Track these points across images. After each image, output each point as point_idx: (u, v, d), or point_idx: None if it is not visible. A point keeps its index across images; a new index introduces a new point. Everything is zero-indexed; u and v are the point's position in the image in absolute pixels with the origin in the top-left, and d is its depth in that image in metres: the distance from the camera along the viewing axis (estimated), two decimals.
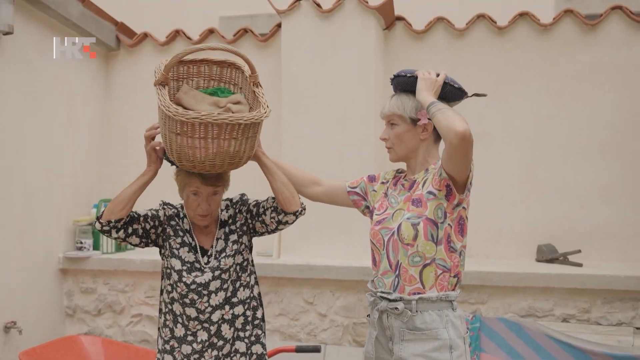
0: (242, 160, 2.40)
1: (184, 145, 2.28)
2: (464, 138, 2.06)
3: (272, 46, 4.63)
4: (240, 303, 2.56)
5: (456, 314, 2.27)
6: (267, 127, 4.44)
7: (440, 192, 2.23)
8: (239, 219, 2.63)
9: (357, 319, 4.10)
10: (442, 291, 2.24)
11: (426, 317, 2.22)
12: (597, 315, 3.82)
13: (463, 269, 2.32)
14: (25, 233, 4.08)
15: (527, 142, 4.32)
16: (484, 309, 3.94)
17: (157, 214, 2.59)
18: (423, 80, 2.28)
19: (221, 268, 2.52)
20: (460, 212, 2.26)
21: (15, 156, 3.97)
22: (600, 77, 4.23)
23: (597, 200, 4.20)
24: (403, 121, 2.36)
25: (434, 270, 2.24)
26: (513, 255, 4.33)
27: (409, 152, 2.38)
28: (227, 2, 6.91)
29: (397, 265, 2.27)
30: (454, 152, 2.12)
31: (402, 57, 4.49)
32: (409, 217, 2.25)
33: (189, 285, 2.49)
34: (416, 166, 2.39)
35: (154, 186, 2.54)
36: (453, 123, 2.07)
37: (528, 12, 4.30)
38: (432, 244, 2.23)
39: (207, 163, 2.32)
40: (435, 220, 2.23)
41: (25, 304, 4.10)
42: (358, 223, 4.16)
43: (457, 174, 2.19)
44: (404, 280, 2.25)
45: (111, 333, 4.50)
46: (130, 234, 2.51)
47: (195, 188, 2.50)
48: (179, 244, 2.56)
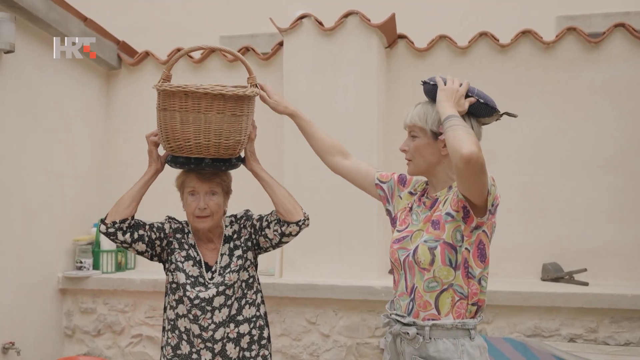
0: (229, 142, 2.39)
1: (169, 122, 2.32)
2: (469, 162, 1.89)
3: (274, 64, 4.62)
4: (245, 321, 2.52)
5: (474, 343, 2.10)
6: (269, 145, 4.46)
7: (457, 213, 2.08)
8: (243, 234, 2.61)
9: (361, 340, 4.05)
10: (459, 318, 2.09)
11: (440, 346, 2.08)
12: (605, 335, 3.76)
13: (485, 296, 2.15)
14: (24, 252, 4.04)
15: (530, 160, 4.30)
16: (490, 328, 3.88)
17: (163, 226, 2.58)
18: (443, 91, 2.12)
19: (225, 283, 2.49)
20: (479, 235, 2.10)
21: (15, 175, 3.94)
22: (604, 95, 4.21)
23: (603, 218, 4.16)
24: (424, 134, 2.19)
25: (451, 296, 2.10)
26: (518, 274, 4.28)
27: (429, 167, 2.21)
28: (228, 21, 6.93)
29: (413, 288, 2.15)
30: (461, 176, 1.98)
31: (404, 75, 4.48)
32: (427, 239, 2.12)
33: (192, 300, 2.46)
34: (437, 183, 2.23)
35: (159, 200, 2.53)
36: (459, 144, 1.92)
37: (530, 30, 4.30)
38: (449, 269, 2.08)
39: (193, 142, 2.34)
40: (453, 244, 2.08)
41: (24, 324, 4.05)
42: (362, 241, 4.14)
43: (472, 197, 2.03)
44: (418, 306, 2.13)
45: (111, 354, 4.43)
46: (136, 240, 2.49)
47: (192, 187, 2.51)
48: (184, 257, 2.54)
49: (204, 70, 4.77)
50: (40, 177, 4.17)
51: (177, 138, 2.35)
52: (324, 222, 4.13)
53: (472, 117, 2.19)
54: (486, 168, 1.98)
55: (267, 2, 6.50)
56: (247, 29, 6.79)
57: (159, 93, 2.36)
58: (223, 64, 4.74)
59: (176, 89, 2.29)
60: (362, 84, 4.21)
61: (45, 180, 4.23)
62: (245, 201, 3.07)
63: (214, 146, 2.37)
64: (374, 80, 4.20)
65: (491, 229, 2.14)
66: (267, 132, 4.49)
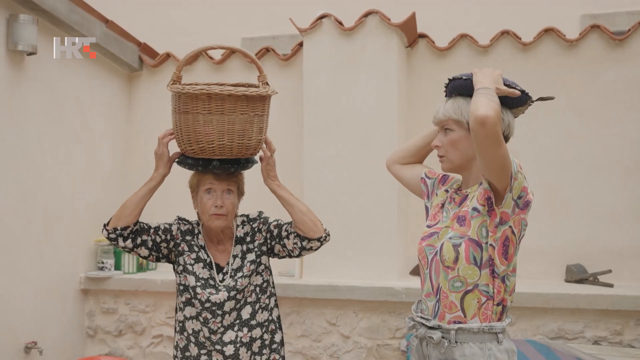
0: (251, 143, 2.38)
1: (192, 124, 2.31)
2: (483, 124, 1.87)
3: (294, 65, 4.62)
4: (258, 326, 2.50)
5: (502, 347, 2.04)
6: (288, 145, 4.45)
7: (483, 207, 2.04)
8: (257, 238, 2.56)
9: (381, 341, 4.02)
10: (486, 322, 2.04)
11: (466, 350, 2.03)
12: (630, 338, 3.70)
13: (509, 295, 2.09)
14: (46, 253, 4.07)
15: (553, 160, 4.24)
16: (512, 330, 3.83)
17: (170, 227, 2.56)
18: (479, 73, 2.06)
19: (237, 288, 2.46)
20: (505, 231, 2.04)
21: (37, 176, 3.98)
22: (628, 94, 4.14)
23: (627, 218, 4.10)
24: (460, 127, 2.13)
25: (477, 297, 2.05)
26: (541, 276, 4.22)
27: (465, 161, 2.15)
28: (250, 23, 6.94)
29: (438, 289, 2.10)
30: (476, 142, 1.94)
31: (425, 74, 4.45)
32: (452, 236, 2.08)
33: (203, 302, 2.44)
34: (470, 178, 2.18)
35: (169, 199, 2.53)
36: (476, 106, 1.90)
37: (553, 28, 4.24)
38: (474, 268, 2.04)
39: (217, 144, 2.33)
40: (479, 241, 2.03)
41: (46, 324, 4.08)
42: (382, 242, 4.12)
43: (492, 175, 1.99)
44: (444, 307, 2.08)
45: (132, 354, 4.45)
46: (138, 245, 2.48)
47: (209, 184, 2.47)
48: (194, 259, 2.51)
49: (225, 71, 4.78)
50: (62, 178, 4.20)
51: (200, 140, 2.33)
52: (344, 223, 4.12)
53: (505, 109, 2.13)
54: (505, 145, 1.95)
55: (289, 3, 6.49)
56: (269, 31, 6.80)
57: (178, 96, 2.34)
58: (244, 65, 4.74)
59: (200, 92, 2.28)
60: (383, 84, 4.18)
61: (67, 181, 4.26)
62: (250, 199, 3.05)
63: (237, 147, 2.36)
64: (394, 80, 4.18)
65: (520, 226, 2.08)
66: (287, 132, 4.51)
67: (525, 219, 2.09)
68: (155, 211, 3.20)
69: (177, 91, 2.32)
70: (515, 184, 2.00)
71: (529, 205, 2.06)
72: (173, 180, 2.70)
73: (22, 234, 3.86)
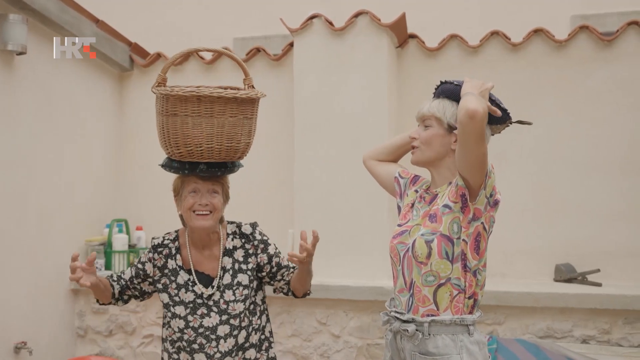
0: (239, 146, 2.37)
1: (180, 127, 2.28)
2: (473, 117, 1.97)
3: (285, 65, 4.62)
4: (252, 347, 2.49)
5: (473, 339, 2.14)
6: (279, 145, 4.46)
7: (456, 204, 2.14)
8: (251, 261, 2.50)
9: (372, 340, 4.03)
10: (458, 314, 2.14)
11: (439, 342, 2.12)
12: (618, 337, 3.72)
13: (480, 289, 2.19)
14: (37, 253, 4.07)
15: (543, 160, 4.26)
16: (501, 329, 3.85)
17: (144, 268, 2.54)
18: (470, 82, 2.15)
19: (229, 313, 2.42)
20: (477, 227, 2.15)
21: (29, 176, 3.97)
22: (618, 94, 4.16)
23: (616, 218, 4.11)
24: (439, 125, 2.25)
25: (449, 290, 2.14)
26: (530, 275, 4.24)
27: (435, 158, 2.28)
28: (241, 23, 6.94)
29: (412, 284, 2.19)
30: (463, 135, 2.03)
31: (415, 74, 4.46)
32: (423, 233, 2.17)
33: (196, 329, 2.42)
34: (439, 179, 2.30)
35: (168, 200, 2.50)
36: (466, 102, 2.00)
37: (543, 28, 4.26)
38: (447, 262, 2.13)
39: (205, 147, 2.30)
40: (450, 236, 2.13)
41: (36, 324, 4.08)
42: (373, 241, 4.13)
43: (470, 171, 2.08)
44: (418, 301, 2.17)
45: (122, 354, 4.45)
46: (127, 300, 2.62)
47: (194, 184, 2.41)
48: (176, 289, 2.47)
49: (215, 71, 4.78)
50: (53, 178, 4.20)
51: (189, 143, 2.29)
52: (335, 223, 4.13)
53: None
54: (486, 144, 2.07)
55: (281, 4, 6.49)
56: (261, 31, 6.80)
57: (166, 98, 2.28)
58: (234, 65, 4.67)
59: (189, 94, 2.24)
60: (373, 84, 4.19)
61: (59, 181, 4.25)
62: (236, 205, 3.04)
63: (226, 150, 2.34)
64: (384, 80, 4.19)
65: (489, 222, 2.20)
66: (278, 132, 4.52)
67: (494, 217, 2.22)
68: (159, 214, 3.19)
69: (165, 93, 2.27)
70: (489, 182, 2.12)
71: (498, 205, 2.21)
72: (167, 186, 2.65)
73: (13, 233, 3.85)
